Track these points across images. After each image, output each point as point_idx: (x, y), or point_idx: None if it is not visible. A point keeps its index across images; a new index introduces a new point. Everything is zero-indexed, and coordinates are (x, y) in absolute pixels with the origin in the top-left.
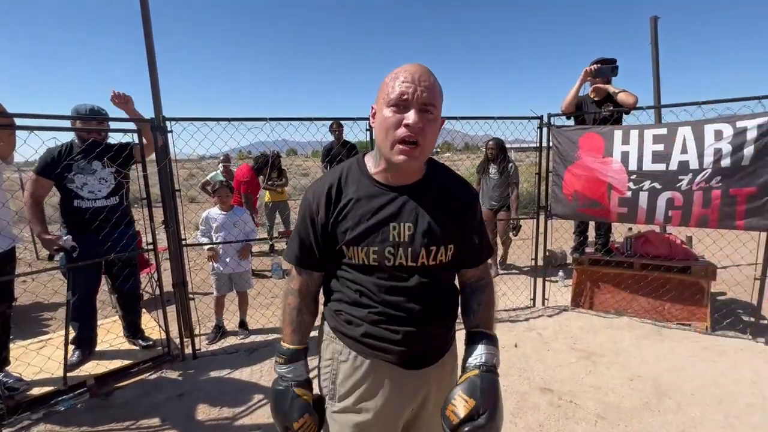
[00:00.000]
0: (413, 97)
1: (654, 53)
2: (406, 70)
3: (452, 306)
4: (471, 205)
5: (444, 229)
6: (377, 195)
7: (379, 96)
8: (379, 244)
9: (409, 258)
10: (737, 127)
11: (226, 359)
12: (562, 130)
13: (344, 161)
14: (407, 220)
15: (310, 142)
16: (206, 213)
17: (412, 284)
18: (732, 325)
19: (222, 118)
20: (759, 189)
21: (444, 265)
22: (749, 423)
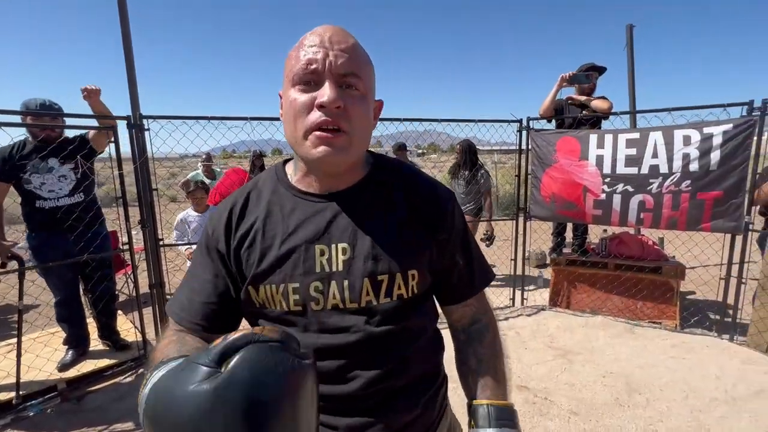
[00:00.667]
0: (325, 66)
1: (629, 60)
2: (314, 33)
3: (433, 369)
4: (444, 212)
5: (398, 248)
6: (297, 208)
7: (284, 75)
8: (300, 278)
9: (347, 296)
10: (704, 133)
11: None
12: (540, 133)
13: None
14: (340, 240)
15: None
16: (181, 215)
17: (354, 339)
18: (699, 323)
19: (201, 117)
20: (724, 193)
21: (407, 302)
22: (712, 416)
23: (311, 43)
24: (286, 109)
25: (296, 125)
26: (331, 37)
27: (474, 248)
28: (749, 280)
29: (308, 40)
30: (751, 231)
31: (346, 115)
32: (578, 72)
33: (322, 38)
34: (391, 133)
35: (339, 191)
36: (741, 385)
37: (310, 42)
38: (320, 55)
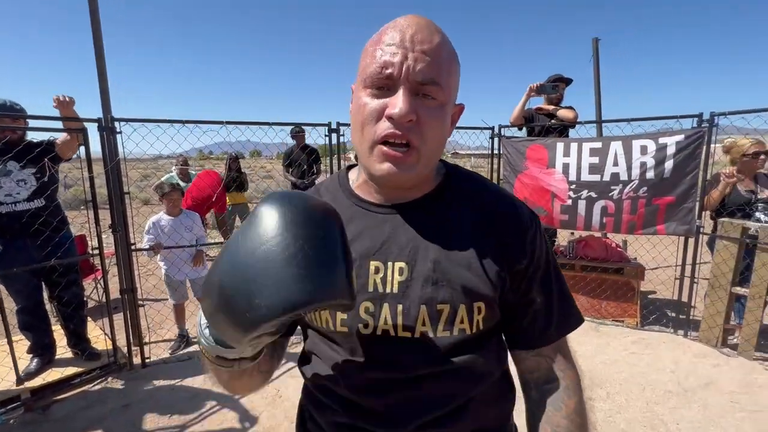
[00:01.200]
0: (402, 71)
1: (595, 72)
2: (396, 26)
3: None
4: (524, 236)
5: (463, 274)
6: (355, 218)
7: (358, 71)
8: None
9: (399, 322)
10: (659, 143)
11: (178, 367)
12: (511, 140)
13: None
14: (398, 258)
15: (276, 143)
16: (153, 219)
17: (403, 376)
18: (657, 320)
19: (175, 120)
20: (677, 198)
21: (470, 339)
22: (666, 407)
23: (390, 40)
24: (355, 113)
25: (363, 133)
26: (414, 36)
27: (557, 285)
28: (701, 279)
29: (387, 37)
30: (702, 234)
31: (418, 129)
32: (546, 83)
33: (403, 36)
34: None
35: (403, 203)
36: (692, 377)
37: (389, 39)
38: (398, 58)
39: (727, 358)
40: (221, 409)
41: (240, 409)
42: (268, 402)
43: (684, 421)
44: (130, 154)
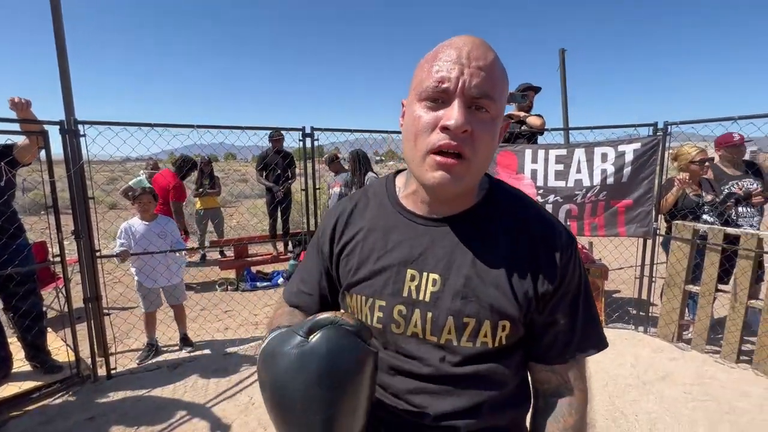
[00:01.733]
0: (458, 85)
1: (562, 81)
2: (452, 45)
3: (508, 424)
4: (557, 259)
5: (492, 292)
6: (398, 226)
7: (411, 85)
8: (388, 298)
9: (428, 328)
10: (618, 150)
11: (146, 377)
12: None
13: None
14: (433, 270)
15: (249, 146)
16: (125, 225)
17: (427, 372)
18: (620, 317)
19: (143, 124)
20: (634, 202)
21: (491, 351)
22: (626, 400)
23: (447, 57)
24: (408, 124)
25: (416, 144)
26: (470, 53)
27: (585, 311)
28: (658, 278)
29: (444, 54)
30: (658, 235)
31: (471, 140)
32: (516, 92)
33: (459, 53)
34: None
35: (444, 217)
36: (650, 371)
37: (446, 56)
38: (454, 73)
39: (682, 352)
40: (191, 419)
41: (211, 417)
42: (241, 410)
43: (642, 413)
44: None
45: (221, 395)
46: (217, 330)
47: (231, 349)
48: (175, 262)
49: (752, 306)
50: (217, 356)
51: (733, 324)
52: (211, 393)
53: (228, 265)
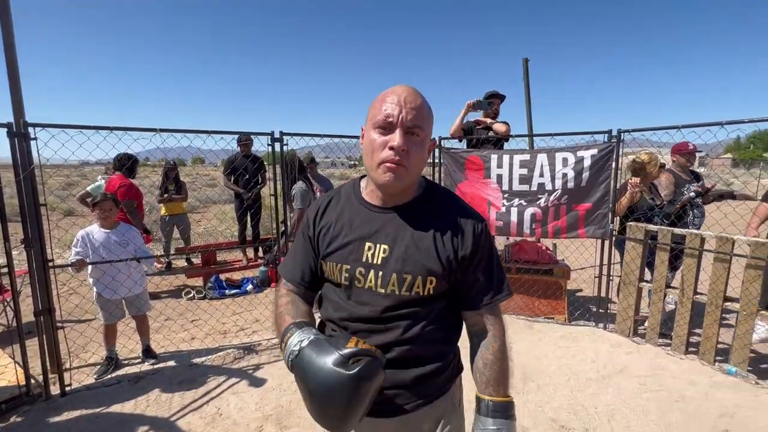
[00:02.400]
0: (398, 120)
1: (526, 89)
2: (394, 92)
3: (439, 350)
4: (471, 235)
5: (424, 256)
6: (360, 213)
7: (367, 117)
8: (352, 263)
9: (378, 283)
10: (577, 156)
11: (105, 393)
12: (451, 151)
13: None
14: (384, 241)
15: (215, 150)
16: (82, 232)
17: (381, 313)
18: (582, 315)
19: (101, 127)
20: (593, 205)
21: (423, 299)
22: (586, 394)
23: (391, 101)
24: (367, 143)
25: (372, 157)
26: (406, 98)
27: (497, 269)
28: (615, 277)
29: (389, 98)
30: (614, 236)
31: (408, 155)
32: (482, 100)
33: (399, 98)
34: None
35: (393, 206)
36: (609, 365)
37: (390, 100)
38: (396, 111)
39: (637, 345)
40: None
41: (175, 431)
42: (207, 422)
43: (601, 405)
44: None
45: (186, 407)
46: (182, 340)
47: (197, 359)
48: (138, 272)
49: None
50: (182, 367)
51: (682, 318)
52: (176, 406)
53: (195, 272)
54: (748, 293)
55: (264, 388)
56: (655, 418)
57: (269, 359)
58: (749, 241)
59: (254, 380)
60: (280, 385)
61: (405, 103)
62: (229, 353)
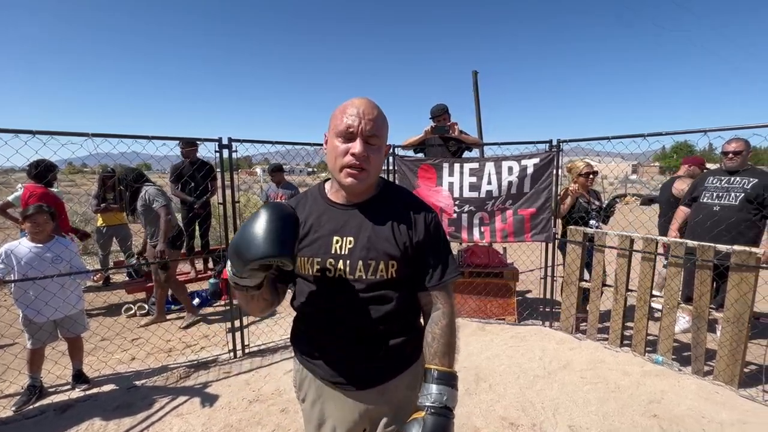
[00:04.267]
0: (358, 130)
1: (476, 100)
2: (353, 105)
3: (405, 325)
4: (423, 224)
5: (384, 244)
6: (326, 212)
7: (330, 126)
8: (322, 255)
9: (347, 270)
10: (521, 164)
11: (26, 427)
12: (404, 159)
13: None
14: (349, 234)
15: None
16: (5, 247)
17: (352, 297)
18: (530, 315)
19: (22, 131)
20: (537, 210)
21: (388, 281)
22: (534, 390)
23: (351, 113)
24: (330, 149)
25: (336, 162)
26: (364, 110)
27: (445, 253)
28: (558, 277)
29: (349, 110)
30: (556, 239)
31: (367, 160)
32: (438, 125)
33: (358, 110)
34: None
35: (356, 203)
36: (555, 361)
37: (350, 112)
38: (356, 123)
39: (579, 342)
40: None
41: None
42: None
43: (547, 400)
44: None
45: None
46: (120, 362)
47: (138, 381)
48: (75, 291)
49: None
50: (119, 392)
51: (616, 313)
52: None
53: (137, 287)
54: (670, 288)
55: (213, 407)
56: (594, 409)
57: (218, 376)
58: (669, 241)
59: (202, 399)
60: (230, 403)
61: (363, 115)
62: (174, 372)
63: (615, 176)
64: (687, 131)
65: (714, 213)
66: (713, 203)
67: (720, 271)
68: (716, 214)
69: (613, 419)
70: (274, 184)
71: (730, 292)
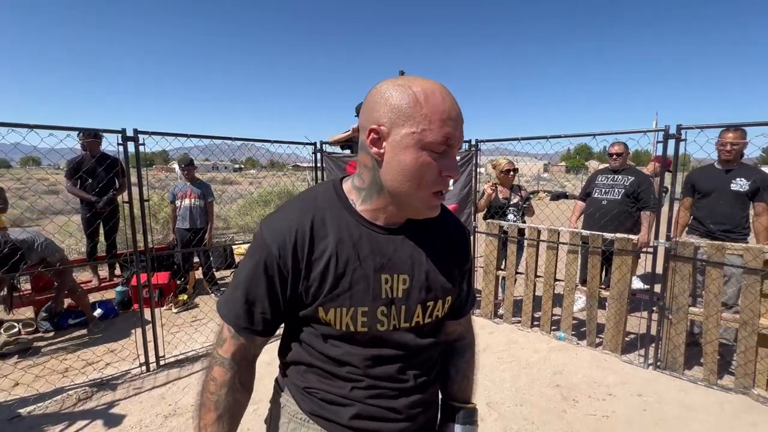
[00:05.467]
0: (455, 142)
1: None
2: (451, 105)
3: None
4: (467, 245)
5: (441, 279)
6: (362, 237)
7: (403, 121)
8: (370, 304)
9: (403, 318)
10: None
11: None
12: (332, 156)
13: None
14: (402, 271)
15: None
16: None
17: (407, 351)
18: None
19: None
20: (459, 205)
21: (440, 320)
22: None
23: (450, 116)
24: (412, 166)
25: (420, 184)
26: (459, 114)
27: (469, 277)
28: (479, 267)
29: (447, 113)
30: (476, 232)
31: None
32: (357, 113)
33: (457, 114)
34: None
35: (399, 227)
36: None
37: (449, 115)
38: (456, 133)
39: (497, 326)
40: None
41: None
42: None
43: None
44: None
45: None
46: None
47: (24, 409)
48: None
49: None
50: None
51: (527, 298)
52: None
53: (25, 301)
54: (570, 273)
55: (120, 427)
56: (508, 385)
57: (127, 393)
58: (568, 231)
59: (107, 421)
60: (141, 421)
61: (459, 119)
62: (72, 395)
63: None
64: (579, 134)
65: (602, 206)
66: (602, 198)
67: (607, 255)
68: (604, 207)
69: (524, 392)
70: (184, 181)
71: (614, 273)
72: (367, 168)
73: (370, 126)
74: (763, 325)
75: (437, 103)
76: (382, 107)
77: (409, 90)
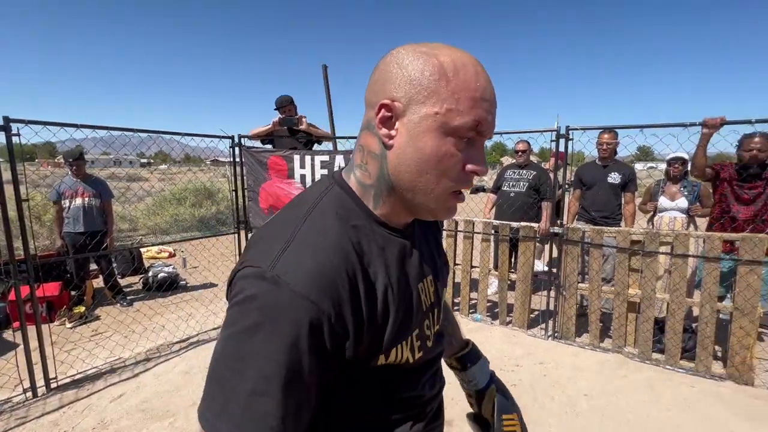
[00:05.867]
0: (487, 128)
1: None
2: (485, 83)
3: None
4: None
5: (445, 264)
6: (386, 246)
7: (424, 98)
8: (419, 323)
9: (435, 323)
10: None
11: None
12: (252, 151)
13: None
14: (428, 273)
15: None
16: None
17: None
18: None
19: None
20: None
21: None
22: None
23: (484, 96)
24: (430, 155)
25: (440, 179)
26: (494, 96)
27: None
28: None
29: (481, 92)
30: None
31: None
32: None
33: (492, 95)
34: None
35: (407, 224)
36: None
37: (484, 92)
38: (490, 117)
39: None
40: None
41: None
42: None
43: None
44: None
45: None
46: None
47: None
48: None
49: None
50: None
51: (464, 287)
52: None
53: None
54: (484, 259)
55: None
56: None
57: (8, 425)
58: (481, 221)
59: None
60: None
61: (493, 100)
62: None
63: None
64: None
65: (510, 198)
66: (510, 190)
67: (514, 243)
68: (511, 199)
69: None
70: (72, 177)
71: (519, 257)
72: (373, 156)
73: (381, 100)
74: (631, 294)
75: (469, 79)
76: (397, 78)
77: (435, 59)
